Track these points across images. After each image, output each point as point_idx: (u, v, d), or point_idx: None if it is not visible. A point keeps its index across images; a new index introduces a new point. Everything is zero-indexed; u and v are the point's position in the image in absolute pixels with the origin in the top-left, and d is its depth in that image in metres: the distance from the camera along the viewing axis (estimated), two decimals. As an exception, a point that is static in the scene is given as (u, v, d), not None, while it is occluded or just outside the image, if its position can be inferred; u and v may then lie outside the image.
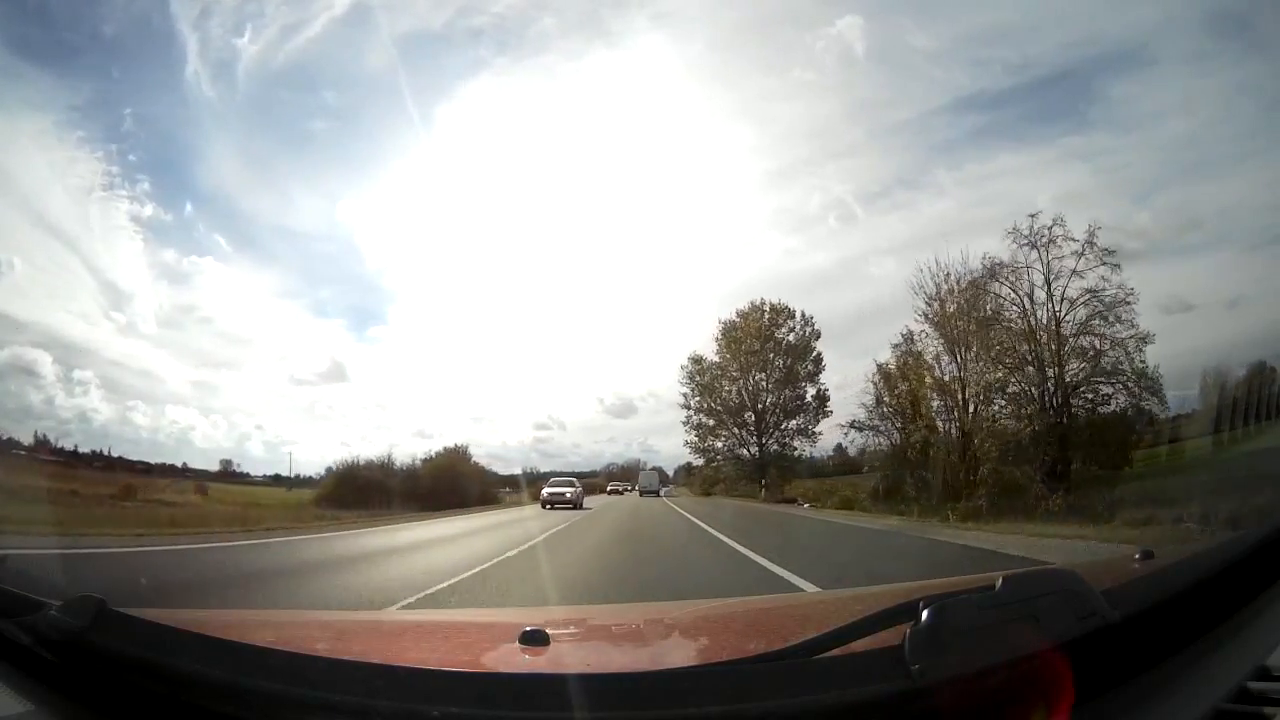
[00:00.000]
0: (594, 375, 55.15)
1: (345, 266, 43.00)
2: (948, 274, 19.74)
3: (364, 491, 21.66)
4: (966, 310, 18.91)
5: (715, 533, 11.92)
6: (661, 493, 36.56)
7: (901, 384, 19.92)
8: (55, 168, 27.46)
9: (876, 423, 21.39)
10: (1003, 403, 18.02)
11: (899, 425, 20.19)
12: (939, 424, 18.54)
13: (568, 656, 1.36)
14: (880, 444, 21.55)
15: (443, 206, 47.25)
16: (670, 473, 42.64)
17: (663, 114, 47.11)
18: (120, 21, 29.97)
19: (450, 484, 25.86)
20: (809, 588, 5.74)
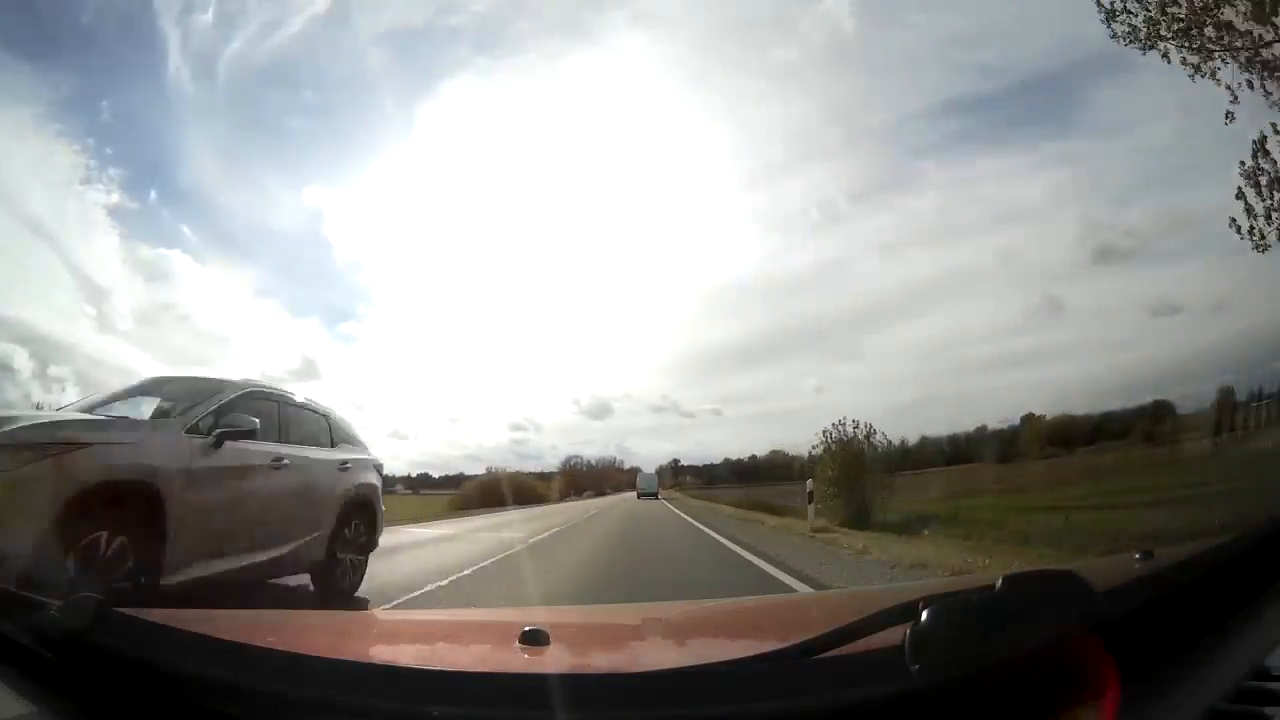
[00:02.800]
0: (570, 376, 55.26)
1: (322, 266, 43.02)
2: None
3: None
4: None
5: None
6: (660, 495, 35.63)
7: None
8: (34, 160, 26.62)
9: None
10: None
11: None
12: None
13: (568, 656, 1.36)
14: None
15: (421, 207, 47.15)
16: (648, 473, 41.80)
17: (642, 114, 47.19)
18: (103, 16, 29.64)
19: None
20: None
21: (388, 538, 7.52)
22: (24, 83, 31.45)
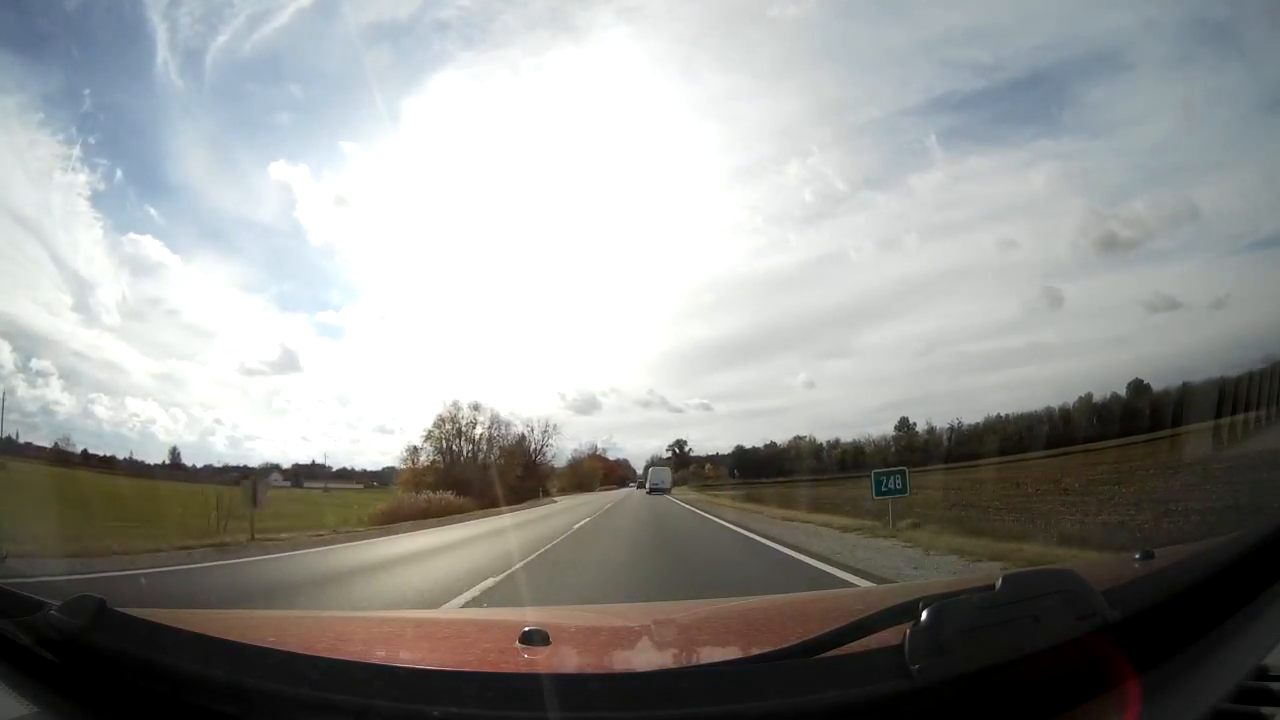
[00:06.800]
0: (555, 370, 55.01)
1: (308, 260, 42.87)
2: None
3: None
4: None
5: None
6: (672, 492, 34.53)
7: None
8: (16, 151, 26.09)
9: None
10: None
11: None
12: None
13: (568, 656, 1.36)
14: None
15: (407, 201, 46.90)
16: (638, 470, 40.87)
17: (629, 109, 47.19)
18: (88, 5, 29.37)
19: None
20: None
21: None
22: (5, 72, 30.92)
